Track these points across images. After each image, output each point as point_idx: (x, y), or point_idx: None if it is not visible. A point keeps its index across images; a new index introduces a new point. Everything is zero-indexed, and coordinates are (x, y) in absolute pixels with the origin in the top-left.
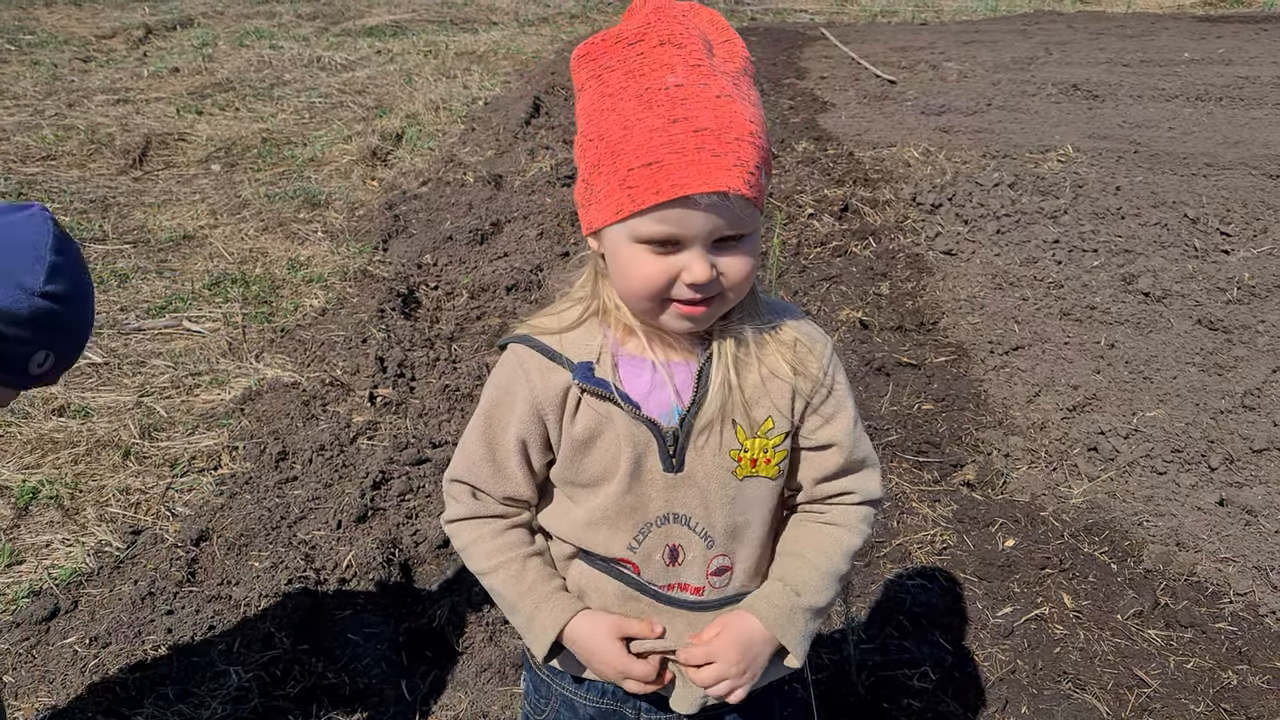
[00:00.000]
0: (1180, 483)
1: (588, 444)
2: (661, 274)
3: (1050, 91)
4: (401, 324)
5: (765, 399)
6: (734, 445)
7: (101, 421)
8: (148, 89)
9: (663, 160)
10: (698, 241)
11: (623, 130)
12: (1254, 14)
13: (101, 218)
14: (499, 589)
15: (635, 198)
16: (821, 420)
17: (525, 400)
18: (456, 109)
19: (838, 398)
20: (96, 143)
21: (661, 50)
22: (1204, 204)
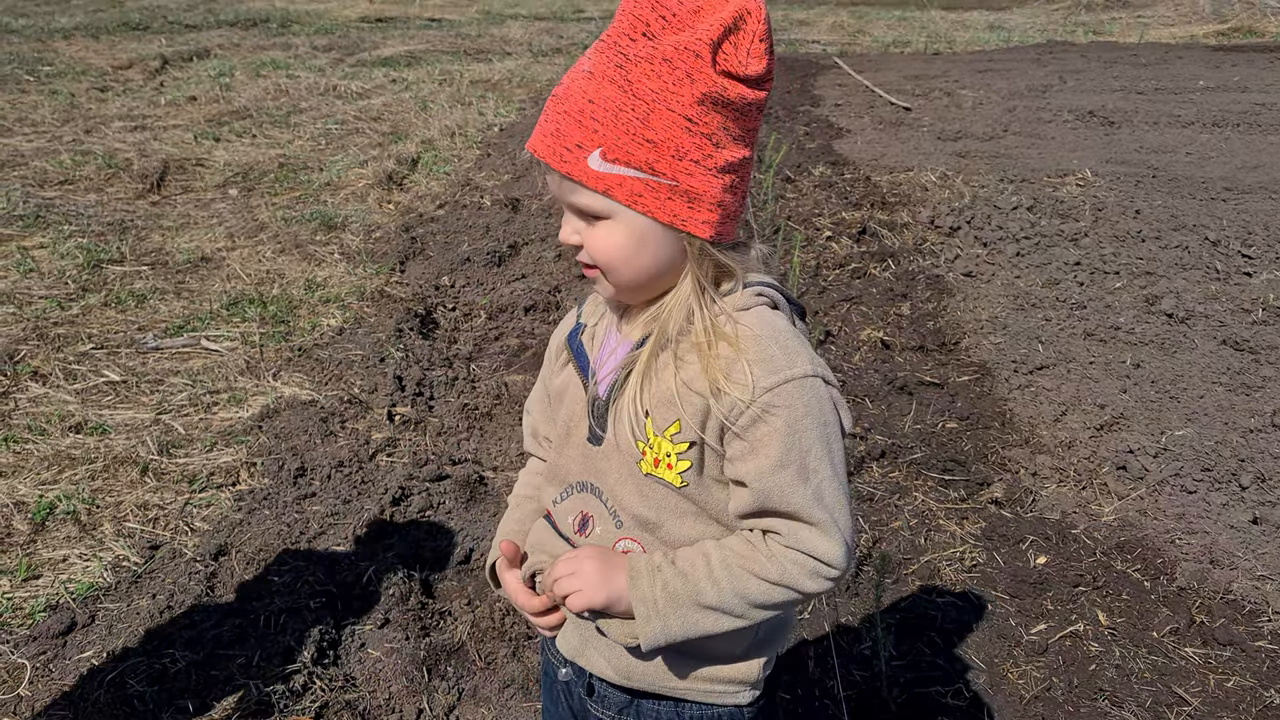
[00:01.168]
0: (1211, 502)
1: (559, 398)
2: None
3: (1066, 118)
4: (419, 344)
5: (676, 403)
6: (641, 437)
7: (119, 438)
8: (165, 116)
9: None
10: (561, 204)
11: None
12: (1267, 44)
13: (119, 240)
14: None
15: None
16: (740, 451)
17: (552, 342)
18: (472, 135)
19: (766, 431)
20: (114, 167)
21: (608, 38)
22: (1225, 227)
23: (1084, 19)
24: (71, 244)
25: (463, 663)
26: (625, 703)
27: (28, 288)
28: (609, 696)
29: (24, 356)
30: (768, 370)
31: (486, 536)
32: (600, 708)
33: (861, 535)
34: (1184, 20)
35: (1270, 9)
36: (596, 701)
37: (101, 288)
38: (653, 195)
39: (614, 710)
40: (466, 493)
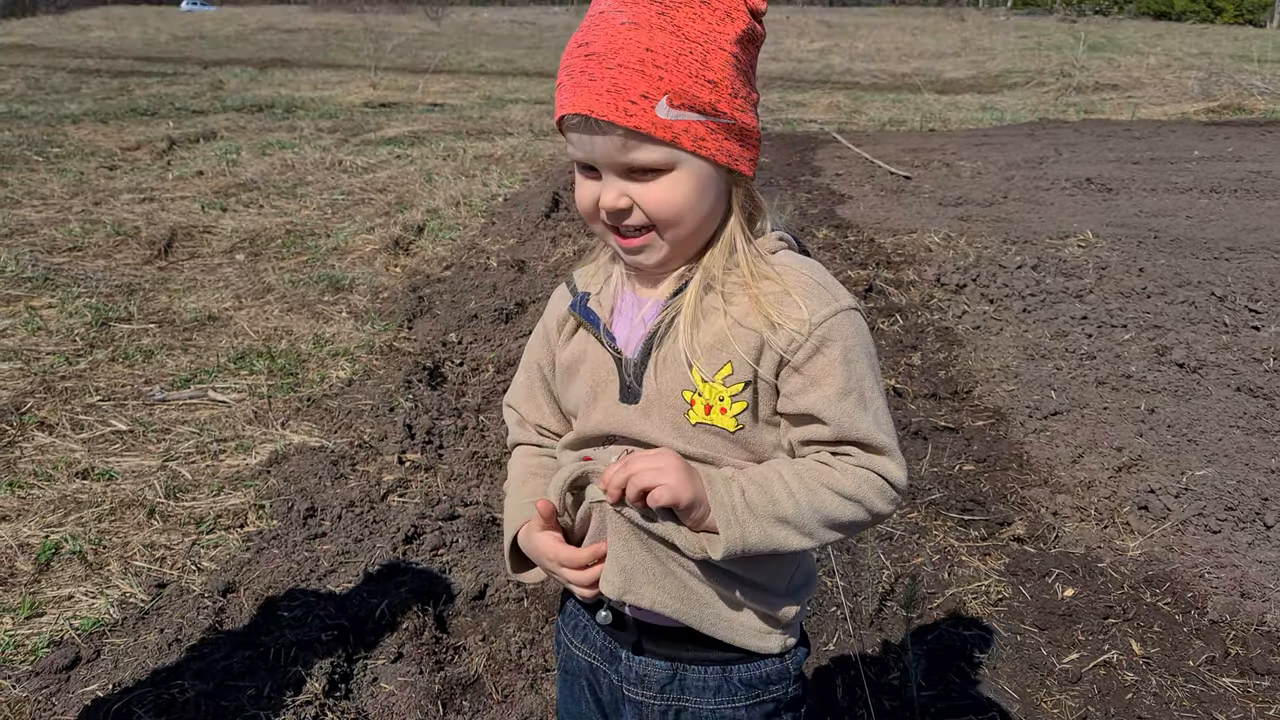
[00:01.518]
0: (1236, 541)
1: (571, 370)
2: (587, 196)
3: (1064, 185)
4: (428, 395)
5: (728, 346)
6: (688, 386)
7: (126, 483)
8: (172, 189)
9: (562, 82)
10: (605, 167)
11: (564, 53)
12: (1257, 120)
13: (127, 300)
14: (506, 498)
15: (556, 117)
16: (800, 385)
17: (542, 326)
18: (477, 204)
19: (824, 362)
20: (122, 235)
21: None
22: (1230, 283)
23: (1074, 100)
24: (80, 303)
25: (478, 696)
26: (667, 678)
27: (35, 345)
28: (650, 673)
29: (30, 408)
30: (819, 302)
31: (500, 573)
32: (640, 688)
33: (884, 571)
34: (1173, 100)
35: (1257, 89)
36: (635, 681)
37: (109, 344)
38: (713, 138)
39: (655, 689)
40: (479, 531)
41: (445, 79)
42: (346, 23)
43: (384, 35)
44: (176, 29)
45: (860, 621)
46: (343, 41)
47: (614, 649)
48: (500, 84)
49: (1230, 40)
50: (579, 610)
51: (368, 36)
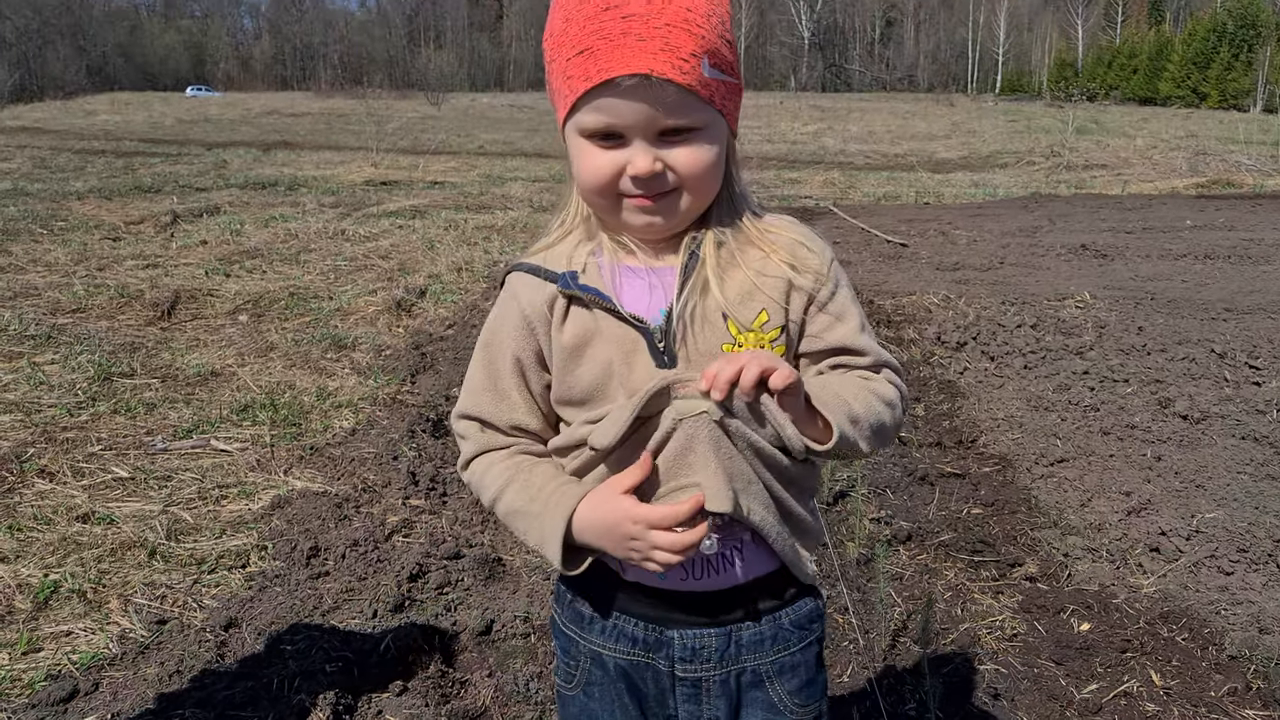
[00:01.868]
0: (1251, 582)
1: (577, 352)
2: (607, 166)
3: (1060, 252)
4: (432, 444)
5: (758, 294)
6: (726, 339)
7: (127, 526)
8: (176, 256)
9: (592, 47)
10: (638, 132)
11: (564, 23)
12: (1246, 194)
13: (130, 357)
14: (512, 505)
15: (573, 87)
16: (827, 322)
17: (516, 318)
18: (478, 270)
19: (842, 301)
20: (126, 297)
21: None
22: (1229, 341)
23: (1065, 177)
24: (82, 359)
25: None
26: (724, 644)
27: (37, 398)
28: (705, 645)
29: (31, 456)
30: (820, 248)
31: (507, 610)
32: (696, 664)
33: (895, 609)
34: (1162, 176)
35: (1245, 166)
36: (690, 658)
37: (111, 397)
38: (732, 98)
39: (715, 659)
40: (485, 570)
41: (445, 159)
42: (349, 107)
43: (385, 119)
44: (181, 113)
45: (874, 655)
46: (345, 125)
47: (660, 635)
48: (500, 163)
49: (1216, 124)
50: (604, 614)
51: (370, 120)
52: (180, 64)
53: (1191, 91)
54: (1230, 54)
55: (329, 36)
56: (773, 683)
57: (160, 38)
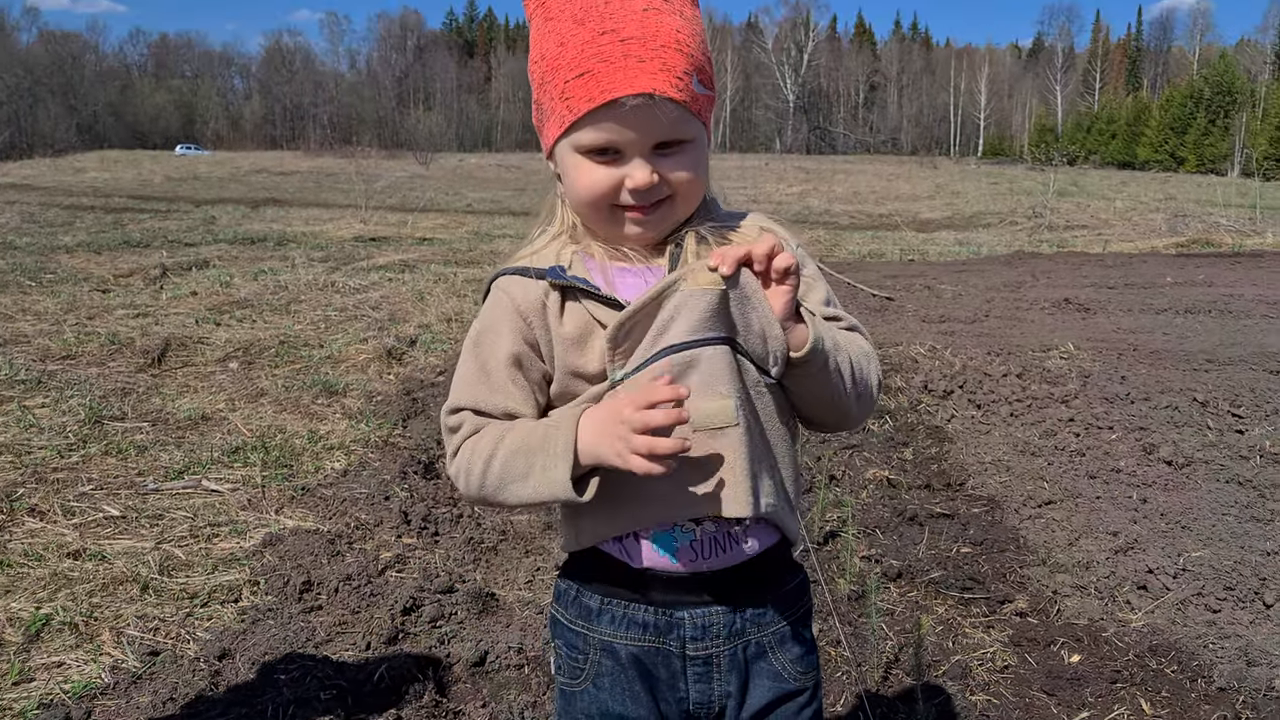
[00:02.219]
0: (1238, 617)
1: (580, 341)
2: (605, 181)
3: (1043, 305)
4: (423, 485)
5: None
6: None
7: (118, 562)
8: (167, 306)
9: (593, 69)
10: (636, 148)
11: (559, 47)
12: (1225, 252)
13: (121, 401)
14: (511, 447)
15: (573, 107)
16: (804, 288)
17: (509, 314)
18: (468, 320)
19: (809, 276)
20: (117, 344)
21: None
22: (1211, 390)
23: (1047, 236)
24: (73, 403)
25: None
26: (730, 620)
27: (27, 440)
28: (713, 622)
29: (21, 496)
30: (787, 235)
31: (501, 642)
32: (705, 641)
33: (886, 642)
34: (1142, 236)
35: (1224, 227)
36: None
37: (102, 440)
38: (710, 109)
39: (723, 636)
40: (478, 604)
41: (434, 216)
42: (338, 166)
43: (374, 177)
44: (170, 171)
45: (868, 685)
46: (334, 183)
47: (670, 618)
48: (488, 221)
49: (1194, 187)
50: (613, 604)
51: (359, 178)
52: (170, 123)
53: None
54: (1207, 120)
55: (319, 97)
56: (775, 653)
57: (151, 97)
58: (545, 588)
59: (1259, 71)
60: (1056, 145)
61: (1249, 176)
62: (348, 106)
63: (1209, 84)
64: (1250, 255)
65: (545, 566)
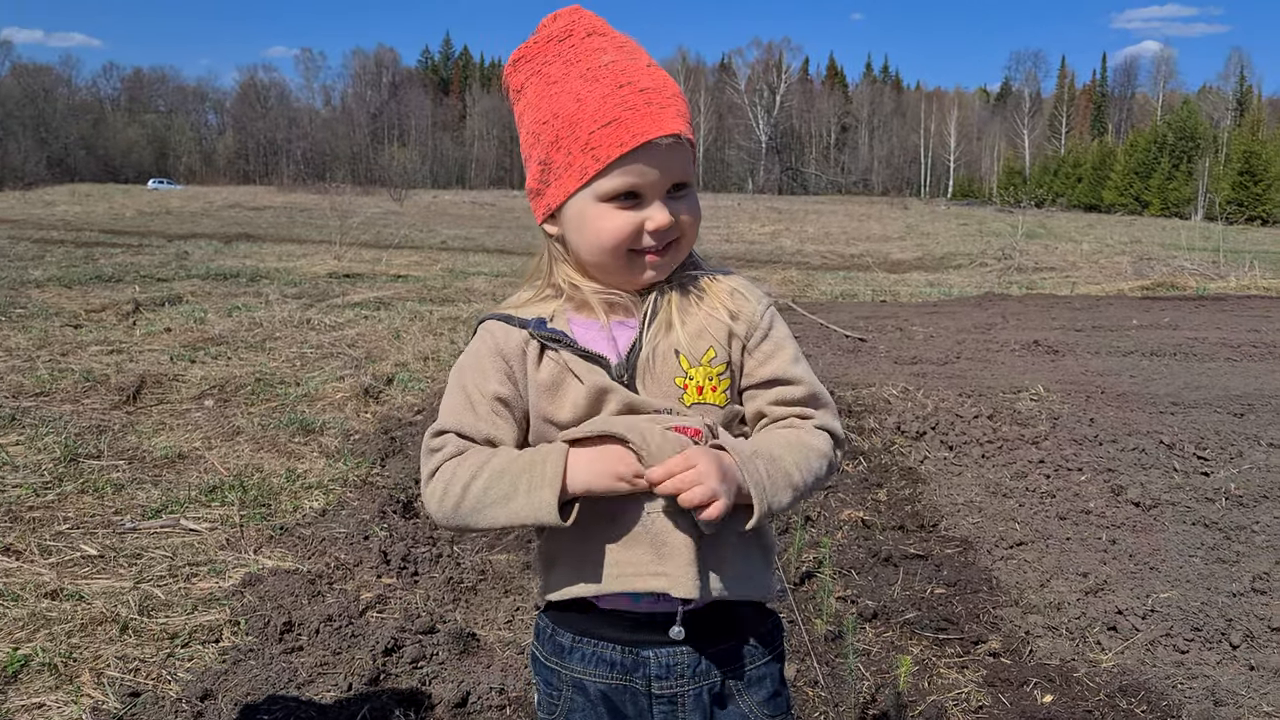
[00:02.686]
0: (1205, 658)
1: (554, 388)
2: (628, 225)
3: (1014, 347)
4: (403, 524)
5: (706, 334)
6: (679, 373)
7: (97, 602)
8: (141, 343)
9: (619, 117)
10: (656, 191)
11: (576, 103)
12: (1190, 295)
13: (96, 439)
14: (495, 469)
15: (599, 156)
16: (763, 357)
17: (491, 354)
18: (445, 359)
19: (775, 340)
20: (91, 381)
21: (590, 40)
22: (1177, 433)
23: (1016, 278)
24: (48, 440)
25: None
26: (695, 660)
27: (1, 478)
28: (678, 662)
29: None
30: (757, 295)
31: (483, 683)
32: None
33: (864, 682)
34: (1109, 279)
35: (1188, 270)
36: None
37: (78, 478)
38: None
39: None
40: (459, 645)
41: (408, 253)
42: (312, 202)
43: (348, 213)
44: (143, 205)
45: None
46: (308, 219)
47: (636, 656)
48: (462, 258)
49: (1158, 230)
50: (584, 642)
51: (333, 214)
52: (143, 157)
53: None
54: (1170, 164)
55: (293, 133)
56: (742, 695)
57: (123, 131)
58: (525, 628)
59: (1221, 117)
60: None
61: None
62: (322, 142)
63: (1172, 129)
64: (1214, 299)
65: (525, 606)
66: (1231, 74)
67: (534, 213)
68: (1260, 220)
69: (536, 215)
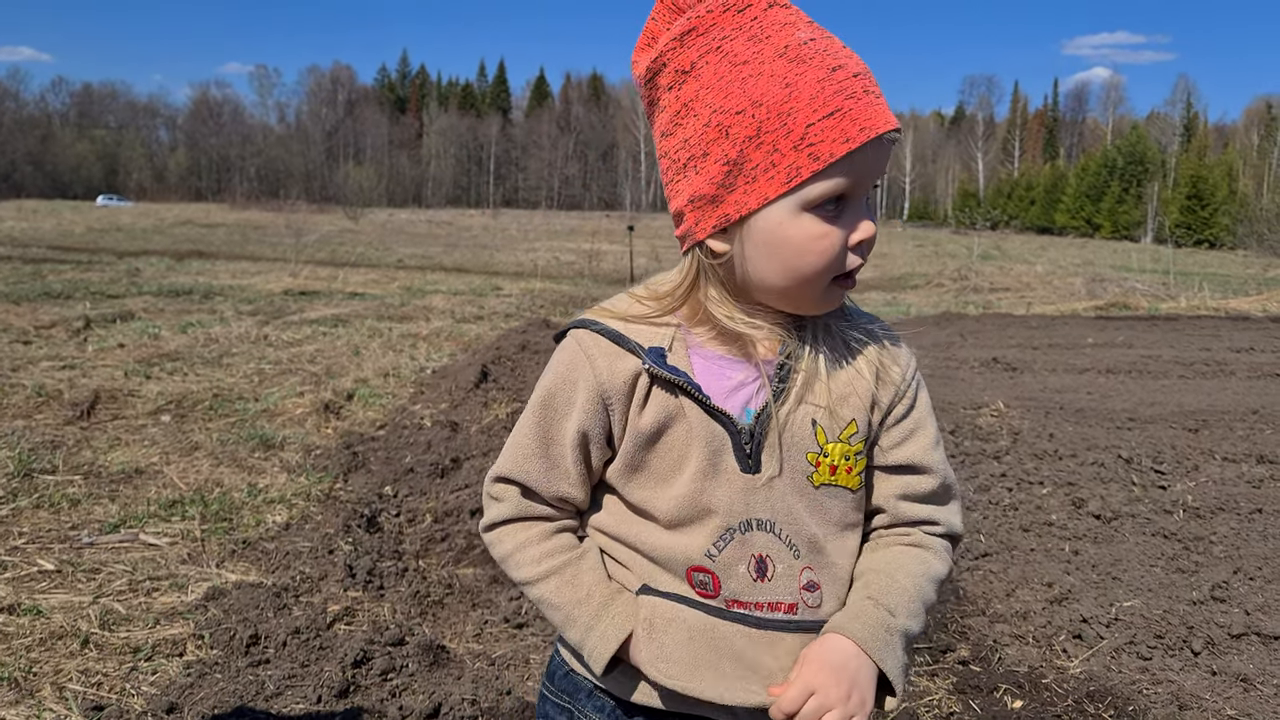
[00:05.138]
0: (1168, 664)
1: (655, 438)
2: (839, 240)
3: (973, 364)
4: (367, 539)
5: (848, 403)
6: (812, 448)
7: (56, 616)
8: (94, 358)
9: (843, 107)
10: (862, 194)
11: (785, 89)
12: (1142, 315)
13: (51, 454)
14: (551, 598)
15: (819, 154)
16: (901, 435)
17: (589, 387)
18: (405, 375)
19: (918, 415)
20: (44, 396)
21: (773, 12)
22: (1135, 448)
23: (972, 298)
24: (1, 455)
25: None
26: None
27: None
28: None
29: None
30: (906, 353)
31: (454, 694)
32: None
33: None
34: (1063, 299)
35: (1139, 291)
36: None
37: (33, 493)
38: None
39: None
40: (429, 656)
41: (365, 271)
42: (266, 219)
43: (303, 231)
44: (92, 221)
45: None
46: (262, 236)
47: None
48: (419, 276)
49: (1109, 253)
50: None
51: (288, 231)
52: (92, 173)
53: (1086, 222)
54: (1120, 188)
55: (246, 150)
56: None
57: (72, 147)
58: (495, 640)
59: (1169, 142)
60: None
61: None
62: (276, 160)
63: (1122, 154)
64: (1165, 318)
65: (494, 619)
66: (1179, 100)
67: (693, 225)
68: (1208, 244)
69: (702, 227)
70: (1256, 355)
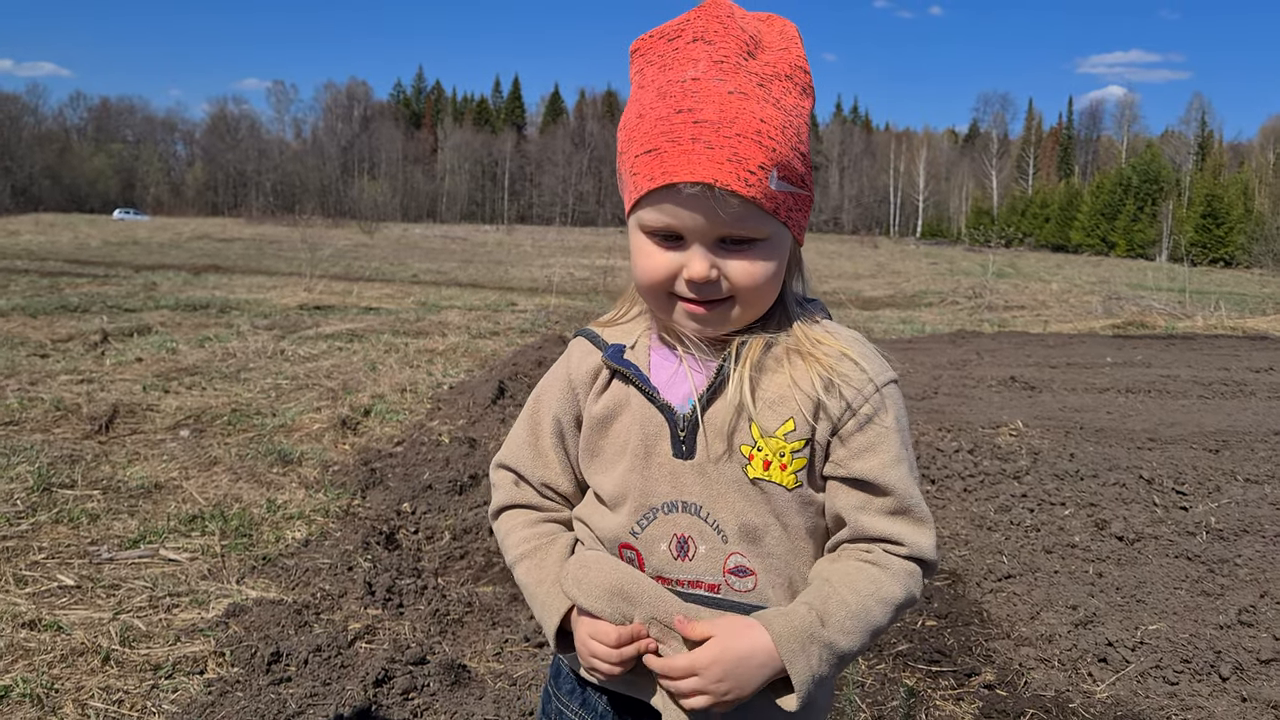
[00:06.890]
0: (1197, 690)
1: (605, 423)
2: (663, 266)
3: (991, 383)
4: (386, 556)
5: (789, 402)
6: (747, 441)
7: (77, 633)
8: (111, 372)
9: (659, 148)
10: (697, 237)
11: (638, 119)
12: (1159, 334)
13: (70, 469)
14: (522, 579)
15: (637, 184)
16: (857, 449)
17: (563, 379)
18: (422, 391)
19: (878, 430)
20: (63, 410)
21: (693, 47)
22: (1156, 468)
23: (987, 316)
24: (20, 469)
25: None
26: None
27: None
28: None
29: None
30: (877, 369)
31: (475, 715)
32: None
33: (860, 715)
34: (1080, 317)
35: (1156, 309)
36: None
37: (52, 508)
38: (799, 210)
39: None
40: (450, 676)
41: (380, 286)
42: (281, 234)
43: (318, 245)
44: (109, 235)
45: None
46: (277, 250)
47: None
48: (434, 292)
49: (1125, 270)
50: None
51: (303, 245)
52: (109, 187)
53: (1101, 240)
54: (1135, 206)
55: (263, 164)
56: None
57: (90, 161)
58: (515, 659)
59: (1183, 161)
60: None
61: (1177, 262)
62: (292, 174)
63: (1137, 172)
64: (1183, 337)
65: (514, 638)
66: (1193, 119)
67: None
68: (1223, 262)
69: None
70: (1276, 375)
